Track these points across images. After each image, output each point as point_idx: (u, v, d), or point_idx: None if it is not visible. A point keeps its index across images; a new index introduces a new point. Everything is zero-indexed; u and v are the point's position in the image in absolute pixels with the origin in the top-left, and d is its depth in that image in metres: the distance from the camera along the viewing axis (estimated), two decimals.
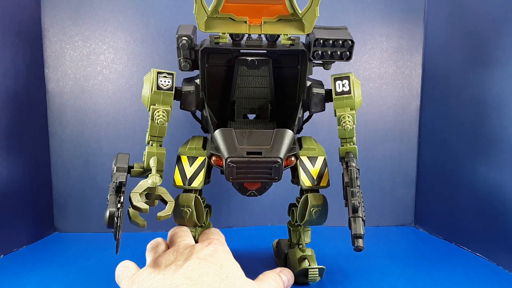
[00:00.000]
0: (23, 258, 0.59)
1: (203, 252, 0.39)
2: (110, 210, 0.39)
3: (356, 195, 0.44)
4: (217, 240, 0.43)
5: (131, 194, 0.41)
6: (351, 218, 0.43)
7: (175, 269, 0.37)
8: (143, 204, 0.41)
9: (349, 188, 0.45)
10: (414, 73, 0.77)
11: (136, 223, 0.42)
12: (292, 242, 0.54)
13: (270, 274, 0.43)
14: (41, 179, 0.69)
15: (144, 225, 0.42)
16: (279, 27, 0.45)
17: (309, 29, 0.45)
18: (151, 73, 0.48)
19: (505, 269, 0.56)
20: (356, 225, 0.43)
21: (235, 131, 0.46)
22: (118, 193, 0.41)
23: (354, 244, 0.42)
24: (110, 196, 0.41)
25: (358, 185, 0.45)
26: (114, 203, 0.40)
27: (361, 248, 0.42)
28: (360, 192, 0.45)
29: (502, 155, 0.57)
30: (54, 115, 0.70)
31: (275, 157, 0.44)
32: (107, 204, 0.40)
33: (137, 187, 0.42)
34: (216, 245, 0.41)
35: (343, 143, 0.50)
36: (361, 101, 0.50)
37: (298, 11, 0.44)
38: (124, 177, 0.43)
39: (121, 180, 0.42)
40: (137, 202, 0.40)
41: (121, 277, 0.41)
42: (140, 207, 0.40)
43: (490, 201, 0.59)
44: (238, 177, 0.45)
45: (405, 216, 0.79)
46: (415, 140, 0.78)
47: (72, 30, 0.70)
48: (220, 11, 0.43)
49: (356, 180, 0.45)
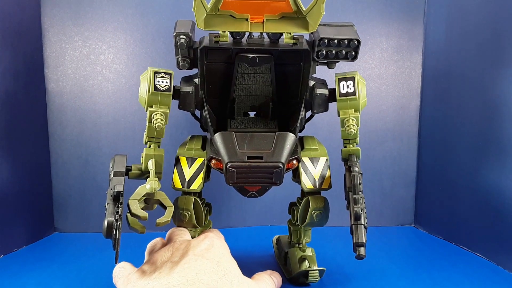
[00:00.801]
0: (23, 258, 0.59)
1: (199, 247, 0.39)
2: (109, 220, 0.38)
3: (358, 202, 0.43)
4: (213, 234, 0.43)
5: (130, 201, 0.40)
6: (353, 226, 0.43)
7: (171, 266, 0.36)
8: (142, 211, 0.40)
9: (351, 194, 0.44)
10: (414, 73, 0.77)
11: (135, 229, 0.41)
12: (293, 241, 0.54)
13: (263, 274, 0.43)
14: (41, 179, 0.69)
15: (143, 231, 0.41)
16: (282, 25, 0.43)
17: (314, 27, 0.43)
18: (148, 72, 0.46)
19: (505, 269, 0.56)
20: (358, 233, 0.42)
21: (235, 134, 0.45)
22: (116, 202, 0.40)
23: (355, 252, 0.42)
24: (108, 205, 0.40)
25: (361, 191, 0.44)
26: (112, 212, 0.39)
27: (362, 257, 0.41)
28: (363, 198, 0.44)
29: (502, 155, 0.57)
30: (54, 115, 0.70)
31: (277, 162, 0.43)
32: (105, 213, 0.40)
33: (135, 194, 0.41)
34: (212, 238, 0.41)
35: (346, 144, 0.49)
36: (365, 102, 0.49)
37: (302, 9, 0.42)
38: (122, 186, 0.42)
39: (119, 189, 0.41)
40: (136, 210, 0.40)
41: (117, 278, 0.40)
42: (139, 215, 0.40)
43: (490, 201, 0.59)
44: (238, 181, 0.44)
45: (405, 216, 0.79)
46: (415, 140, 0.78)
47: (72, 30, 0.70)
48: (220, 7, 0.41)
49: (359, 186, 0.44)
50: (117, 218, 0.38)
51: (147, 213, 0.41)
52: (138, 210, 0.40)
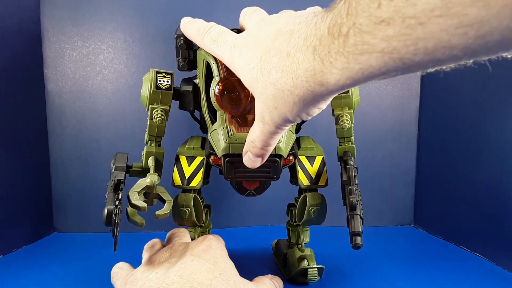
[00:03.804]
0: (23, 258, 0.59)
1: (197, 248, 0.39)
2: (108, 208, 0.39)
3: (354, 193, 0.44)
4: (213, 236, 0.43)
5: (130, 193, 0.41)
6: (349, 216, 0.43)
7: (168, 266, 0.36)
8: (142, 202, 0.40)
9: (347, 186, 0.45)
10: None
11: (134, 221, 0.42)
12: (291, 242, 0.54)
13: (264, 278, 0.44)
14: (41, 179, 0.69)
15: (142, 224, 0.42)
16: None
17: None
18: (150, 73, 0.48)
19: (505, 269, 0.56)
20: (354, 222, 0.43)
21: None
22: (116, 191, 0.41)
23: (352, 242, 0.42)
24: (108, 194, 0.41)
25: (356, 183, 0.45)
26: (112, 200, 0.40)
27: (359, 246, 0.42)
28: (358, 190, 0.45)
29: (501, 155, 0.57)
30: (54, 115, 0.70)
31: (273, 155, 0.44)
32: (105, 202, 0.40)
33: (136, 186, 0.42)
34: (210, 240, 0.41)
35: (341, 142, 0.51)
36: (358, 100, 0.50)
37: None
38: (123, 175, 0.43)
39: (119, 178, 0.42)
40: (136, 201, 0.40)
41: (116, 278, 0.41)
42: (138, 206, 0.40)
43: (489, 201, 0.59)
44: (236, 176, 0.45)
45: (405, 216, 0.79)
46: (415, 140, 0.78)
47: (71, 30, 0.70)
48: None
49: (354, 178, 0.45)
50: (117, 204, 0.39)
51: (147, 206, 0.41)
52: (138, 201, 0.40)
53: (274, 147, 0.44)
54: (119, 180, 0.42)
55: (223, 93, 0.42)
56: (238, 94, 0.42)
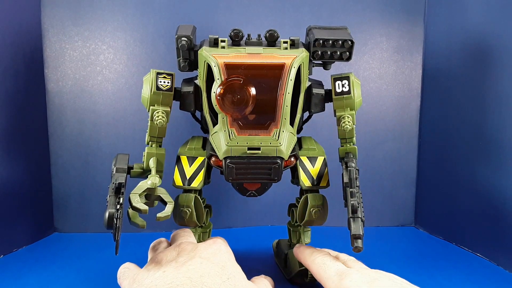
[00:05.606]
0: (23, 258, 0.59)
1: (206, 251, 0.39)
2: (110, 211, 0.39)
3: (355, 196, 0.44)
4: (221, 240, 0.43)
5: (131, 195, 0.41)
6: (350, 219, 0.43)
7: (176, 266, 0.36)
8: (143, 205, 0.41)
9: (348, 188, 0.45)
10: (414, 73, 0.77)
11: (135, 223, 0.42)
12: (292, 242, 0.54)
13: (261, 278, 0.43)
14: (41, 179, 0.69)
15: (144, 226, 0.42)
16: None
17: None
18: (150, 74, 0.48)
19: (505, 269, 0.56)
20: (355, 225, 0.42)
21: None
22: (118, 194, 0.41)
23: (353, 245, 0.42)
24: (110, 197, 0.41)
25: (358, 186, 0.45)
26: (114, 204, 0.40)
27: (360, 249, 0.42)
28: (359, 193, 0.45)
29: (502, 155, 0.57)
30: (54, 115, 0.70)
31: (275, 157, 0.44)
32: (107, 205, 0.40)
33: (137, 188, 0.42)
34: (220, 244, 0.41)
35: (343, 143, 0.50)
36: (361, 101, 0.50)
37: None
38: (124, 178, 0.43)
39: (120, 181, 0.42)
40: (137, 203, 0.40)
41: (122, 278, 0.41)
42: (139, 208, 0.40)
43: (490, 202, 0.59)
44: (237, 177, 0.45)
45: (406, 217, 0.79)
46: (415, 140, 0.78)
47: (72, 30, 0.70)
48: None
49: (355, 181, 0.45)
50: (118, 207, 0.39)
51: (148, 209, 0.41)
52: (139, 204, 0.40)
53: (276, 149, 0.44)
54: (120, 183, 0.42)
55: (225, 96, 0.42)
56: (239, 97, 0.42)
